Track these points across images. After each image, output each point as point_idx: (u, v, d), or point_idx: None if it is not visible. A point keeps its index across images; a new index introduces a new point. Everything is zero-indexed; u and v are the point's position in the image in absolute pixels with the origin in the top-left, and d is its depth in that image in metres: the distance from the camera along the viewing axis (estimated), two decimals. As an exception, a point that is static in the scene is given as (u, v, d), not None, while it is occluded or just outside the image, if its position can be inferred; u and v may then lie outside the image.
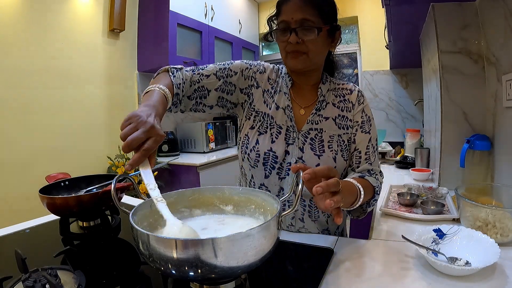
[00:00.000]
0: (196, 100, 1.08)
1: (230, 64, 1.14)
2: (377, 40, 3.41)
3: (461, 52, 1.54)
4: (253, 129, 1.10)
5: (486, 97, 1.48)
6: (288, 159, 1.06)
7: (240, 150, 1.13)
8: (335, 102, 1.10)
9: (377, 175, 1.07)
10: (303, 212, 1.09)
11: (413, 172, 1.94)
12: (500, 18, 1.26)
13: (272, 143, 1.07)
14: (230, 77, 1.11)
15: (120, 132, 0.71)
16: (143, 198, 0.84)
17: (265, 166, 1.07)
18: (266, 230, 0.61)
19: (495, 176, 1.41)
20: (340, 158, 1.06)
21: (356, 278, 0.78)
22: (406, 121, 3.67)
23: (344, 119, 1.08)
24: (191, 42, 3.27)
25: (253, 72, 1.15)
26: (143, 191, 2.57)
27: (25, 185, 2.24)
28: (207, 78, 1.08)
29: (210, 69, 1.10)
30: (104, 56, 2.87)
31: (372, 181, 1.01)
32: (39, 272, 0.69)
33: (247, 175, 1.14)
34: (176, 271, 0.59)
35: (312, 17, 0.95)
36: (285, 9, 0.98)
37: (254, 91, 1.13)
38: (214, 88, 1.09)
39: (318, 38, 0.97)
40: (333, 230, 1.15)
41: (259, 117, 1.11)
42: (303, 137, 1.07)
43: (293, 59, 1.00)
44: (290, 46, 0.98)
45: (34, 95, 2.33)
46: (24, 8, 2.24)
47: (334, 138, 1.06)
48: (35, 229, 1.19)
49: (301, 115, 1.09)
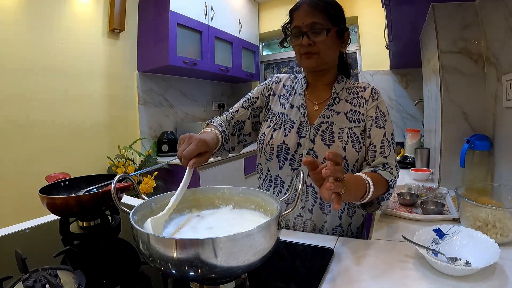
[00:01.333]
0: (237, 133, 1.26)
1: (251, 93, 1.30)
2: (377, 40, 3.41)
3: (461, 52, 1.54)
4: (269, 127, 1.20)
5: (486, 97, 1.48)
6: (300, 151, 1.12)
7: (258, 147, 1.24)
8: (348, 99, 1.17)
9: (392, 169, 1.10)
10: (314, 203, 1.13)
11: (413, 172, 1.94)
12: (500, 18, 1.26)
13: (285, 137, 1.15)
14: (255, 103, 1.27)
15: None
16: (143, 198, 0.84)
17: (279, 158, 1.15)
18: (266, 230, 0.61)
19: (495, 176, 1.41)
20: (350, 148, 1.09)
21: (356, 278, 0.78)
22: (406, 121, 3.66)
23: (356, 113, 1.14)
24: (191, 42, 3.27)
25: (269, 85, 1.29)
26: (143, 191, 2.57)
27: (25, 185, 2.24)
28: (238, 113, 1.26)
29: (237, 105, 1.29)
30: (104, 56, 2.88)
31: (385, 175, 1.04)
32: (39, 272, 0.69)
33: (263, 169, 1.23)
34: (176, 271, 0.59)
35: (321, 20, 1.06)
36: (297, 16, 1.10)
37: (271, 98, 1.27)
38: (246, 118, 1.26)
39: (328, 38, 1.07)
40: (346, 228, 1.16)
41: (275, 117, 1.21)
42: (314, 130, 1.13)
43: (307, 59, 1.10)
44: (303, 48, 1.09)
45: (34, 95, 2.33)
46: (24, 9, 2.24)
47: (344, 130, 1.11)
48: (35, 229, 1.19)
49: (315, 110, 1.17)
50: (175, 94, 3.65)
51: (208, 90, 4.17)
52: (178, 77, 3.65)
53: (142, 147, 3.19)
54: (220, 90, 4.46)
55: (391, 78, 3.71)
